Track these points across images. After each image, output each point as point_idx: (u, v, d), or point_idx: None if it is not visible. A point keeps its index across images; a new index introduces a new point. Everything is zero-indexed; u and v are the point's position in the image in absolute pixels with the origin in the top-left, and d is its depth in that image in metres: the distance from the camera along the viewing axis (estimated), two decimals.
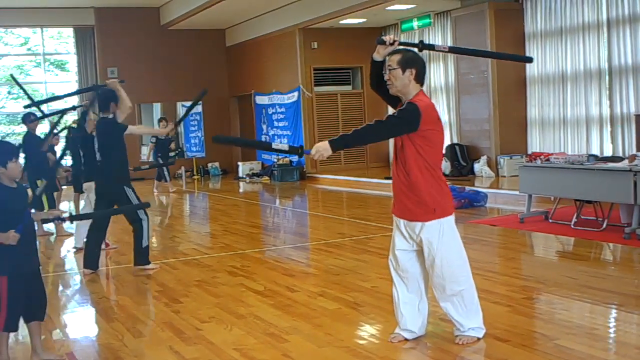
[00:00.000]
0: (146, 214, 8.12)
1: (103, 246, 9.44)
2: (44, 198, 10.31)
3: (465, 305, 4.99)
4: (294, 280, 7.30)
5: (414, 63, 4.85)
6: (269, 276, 7.56)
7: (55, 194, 11.31)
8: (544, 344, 4.99)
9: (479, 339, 5.03)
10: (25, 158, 11.03)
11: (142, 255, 8.16)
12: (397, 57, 4.87)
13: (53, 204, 10.79)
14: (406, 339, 5.10)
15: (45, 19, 21.17)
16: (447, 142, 16.87)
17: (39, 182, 10.40)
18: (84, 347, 5.56)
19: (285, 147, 4.85)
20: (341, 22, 17.97)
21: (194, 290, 7.12)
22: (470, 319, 5.02)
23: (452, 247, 4.95)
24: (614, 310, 5.86)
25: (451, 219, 4.94)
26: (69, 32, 22.09)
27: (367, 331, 5.51)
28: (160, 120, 17.35)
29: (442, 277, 4.93)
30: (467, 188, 12.46)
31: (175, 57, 21.90)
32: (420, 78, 4.88)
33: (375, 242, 9.25)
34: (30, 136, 10.81)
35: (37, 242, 5.55)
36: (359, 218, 11.52)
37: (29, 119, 10.78)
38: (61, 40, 22.79)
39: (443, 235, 4.89)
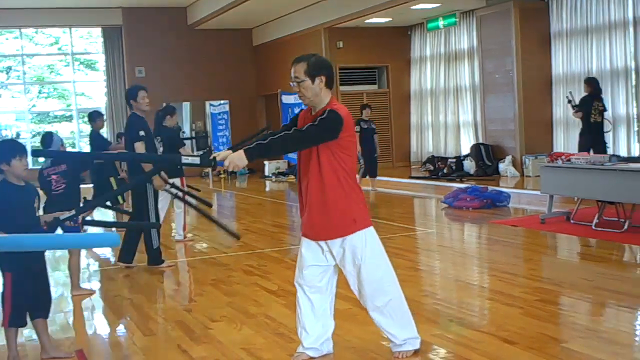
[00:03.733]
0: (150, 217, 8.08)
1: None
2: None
3: (395, 315, 4.78)
4: None
5: (322, 69, 4.57)
6: (284, 276, 7.56)
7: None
8: (553, 347, 4.94)
9: (416, 351, 4.86)
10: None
11: (154, 257, 8.21)
12: (302, 66, 4.55)
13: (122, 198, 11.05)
14: (311, 357, 4.87)
15: (74, 19, 21.35)
16: (472, 141, 16.82)
17: (111, 179, 10.57)
18: (94, 345, 5.61)
19: (197, 159, 4.46)
20: (366, 21, 17.95)
21: (208, 289, 7.15)
22: (402, 329, 4.81)
23: (376, 257, 4.75)
24: (627, 313, 5.79)
25: (372, 228, 4.74)
26: (98, 32, 22.27)
27: (376, 332, 5.45)
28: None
29: (369, 289, 4.72)
30: (490, 188, 12.39)
31: (202, 57, 21.99)
32: (330, 83, 4.61)
33: (395, 243, 9.19)
34: (95, 135, 10.86)
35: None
36: (381, 218, 11.46)
37: (95, 118, 10.84)
38: (91, 40, 22.99)
39: (367, 245, 4.68)
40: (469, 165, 16.01)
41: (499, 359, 4.75)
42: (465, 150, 17.01)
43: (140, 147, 7.91)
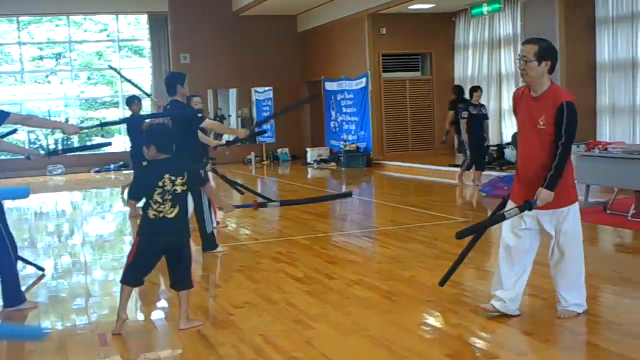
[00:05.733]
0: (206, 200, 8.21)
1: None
2: None
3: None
4: (335, 268, 7.31)
5: (550, 55, 5.08)
6: (311, 263, 7.59)
7: None
8: (570, 339, 4.91)
9: (579, 313, 5.29)
10: (131, 141, 11.07)
11: (208, 241, 8.27)
12: (533, 48, 5.06)
13: None
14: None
15: (121, 5, 21.64)
16: (513, 129, 16.61)
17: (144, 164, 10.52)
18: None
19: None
20: (410, 7, 17.82)
21: (235, 276, 7.20)
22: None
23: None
24: None
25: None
26: (145, 18, 22.46)
27: (394, 321, 5.46)
28: None
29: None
30: None
31: (247, 43, 22.01)
32: (553, 69, 5.11)
33: (426, 231, 9.17)
34: (134, 119, 10.90)
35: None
36: (417, 206, 11.43)
37: (132, 102, 10.91)
38: (138, 27, 23.23)
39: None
40: (510, 154, 15.83)
41: (515, 349, 4.72)
42: (507, 138, 16.82)
43: (211, 124, 8.24)
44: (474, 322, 5.34)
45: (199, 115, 8.26)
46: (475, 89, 13.72)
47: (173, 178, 5.32)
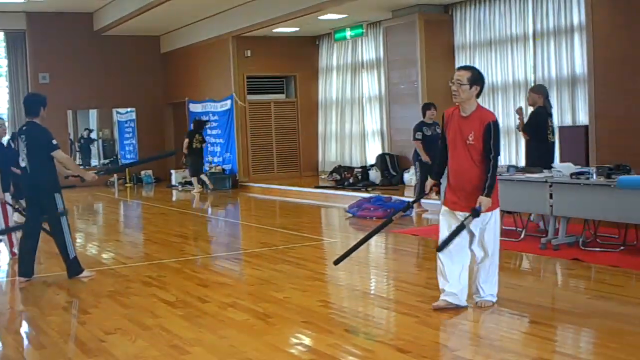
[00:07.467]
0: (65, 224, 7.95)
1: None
2: None
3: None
4: (207, 291, 7.23)
5: (480, 81, 5.88)
6: (183, 286, 7.47)
7: None
8: (444, 355, 5.02)
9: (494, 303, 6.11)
10: None
11: (73, 266, 7.99)
12: (466, 74, 5.84)
13: None
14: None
15: None
16: (377, 151, 16.96)
17: None
18: None
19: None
20: (274, 30, 17.93)
21: (104, 301, 7.00)
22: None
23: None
24: (518, 321, 5.89)
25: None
26: (1, 35, 21.59)
27: (270, 343, 5.45)
28: None
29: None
30: (394, 197, 12.51)
31: (109, 63, 21.52)
32: (480, 93, 5.91)
33: (295, 252, 9.21)
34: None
35: None
36: (284, 227, 11.47)
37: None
38: None
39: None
40: (375, 175, 16.16)
41: None
42: (371, 160, 17.16)
43: (61, 156, 7.96)
44: (349, 341, 5.40)
45: (54, 142, 7.89)
46: (428, 107, 12.20)
47: None
